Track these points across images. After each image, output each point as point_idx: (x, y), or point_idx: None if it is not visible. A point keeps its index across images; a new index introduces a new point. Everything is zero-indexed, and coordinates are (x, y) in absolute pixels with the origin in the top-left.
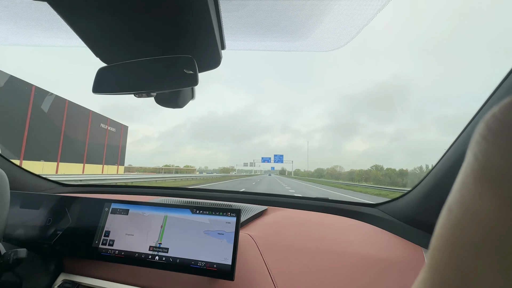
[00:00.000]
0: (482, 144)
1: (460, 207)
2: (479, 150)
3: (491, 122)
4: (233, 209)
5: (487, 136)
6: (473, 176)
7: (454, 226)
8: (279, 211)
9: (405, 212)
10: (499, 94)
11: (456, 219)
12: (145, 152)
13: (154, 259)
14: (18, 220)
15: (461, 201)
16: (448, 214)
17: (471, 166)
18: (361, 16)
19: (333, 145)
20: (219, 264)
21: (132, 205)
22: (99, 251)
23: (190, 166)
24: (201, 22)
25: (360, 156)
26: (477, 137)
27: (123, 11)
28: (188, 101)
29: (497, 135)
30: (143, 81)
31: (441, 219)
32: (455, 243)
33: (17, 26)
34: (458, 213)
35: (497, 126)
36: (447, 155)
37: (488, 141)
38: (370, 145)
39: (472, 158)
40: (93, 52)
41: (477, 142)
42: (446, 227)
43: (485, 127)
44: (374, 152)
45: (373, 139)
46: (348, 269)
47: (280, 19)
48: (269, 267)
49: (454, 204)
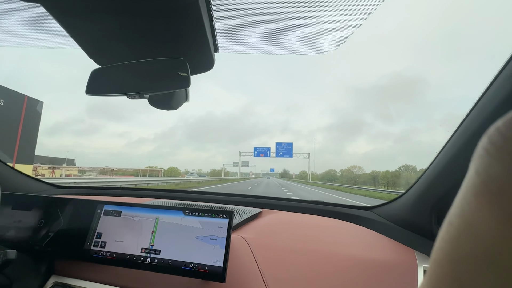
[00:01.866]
0: (484, 158)
1: (461, 220)
2: (481, 164)
3: (494, 136)
4: (226, 211)
5: (489, 150)
6: (474, 190)
7: (454, 239)
8: (274, 213)
9: (398, 214)
10: (489, 95)
11: (456, 232)
12: (141, 155)
13: (146, 261)
14: (9, 222)
15: (461, 214)
16: (448, 227)
17: (473, 180)
18: (352, 19)
19: (336, 147)
20: (211, 266)
21: (124, 207)
22: (91, 253)
23: (176, 168)
24: (194, 25)
25: (362, 157)
26: (479, 150)
27: (117, 14)
28: (182, 103)
29: (500, 149)
30: (136, 83)
31: (442, 232)
32: (455, 256)
33: (10, 27)
34: (458, 226)
35: (500, 140)
36: (438, 158)
37: (490, 155)
38: (374, 146)
39: (474, 172)
40: (87, 54)
41: (479, 156)
42: (446, 240)
43: (487, 141)
44: (377, 154)
45: (378, 139)
46: (341, 272)
47: (272, 23)
48: (262, 269)
49: (455, 218)
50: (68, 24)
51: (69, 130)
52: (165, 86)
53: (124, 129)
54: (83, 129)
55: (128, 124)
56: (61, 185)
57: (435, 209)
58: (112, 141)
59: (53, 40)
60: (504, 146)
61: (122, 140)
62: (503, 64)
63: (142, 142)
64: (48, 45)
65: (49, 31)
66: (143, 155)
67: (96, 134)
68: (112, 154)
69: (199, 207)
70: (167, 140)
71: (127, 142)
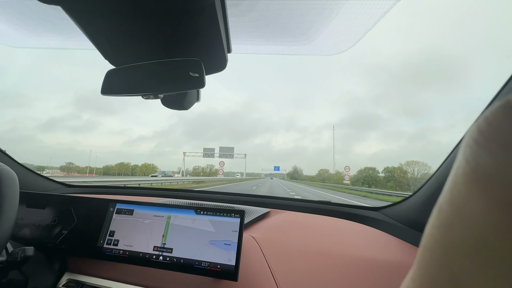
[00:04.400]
0: (473, 147)
1: (451, 207)
2: (470, 153)
3: (482, 126)
4: (237, 210)
5: (478, 139)
6: (463, 178)
7: (444, 226)
8: (282, 213)
9: (407, 215)
10: (503, 95)
11: (447, 219)
12: (141, 153)
13: (158, 259)
14: (24, 219)
15: (451, 201)
16: (438, 213)
17: (462, 168)
18: (366, 19)
19: (343, 146)
20: (223, 265)
21: (137, 206)
22: (104, 250)
23: (151, 165)
24: (209, 26)
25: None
26: (468, 140)
27: (133, 15)
28: (193, 103)
29: (488, 138)
30: (150, 83)
31: (432, 218)
32: (445, 242)
33: (28, 28)
34: (448, 213)
35: (488, 129)
36: (449, 158)
37: (479, 144)
38: (384, 147)
39: (463, 160)
40: (103, 55)
41: (468, 145)
42: (436, 226)
43: (476, 130)
44: (386, 155)
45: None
46: (351, 272)
47: (285, 24)
48: (272, 269)
49: (445, 204)
50: (86, 25)
51: (64, 126)
52: (180, 86)
53: (124, 126)
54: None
55: (124, 121)
56: (71, 184)
57: None
58: (111, 139)
59: (69, 41)
60: (492, 135)
61: (122, 138)
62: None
63: (141, 140)
64: (65, 46)
65: (67, 32)
66: (143, 154)
67: (92, 131)
68: (111, 152)
69: (211, 206)
70: (166, 138)
71: (127, 140)
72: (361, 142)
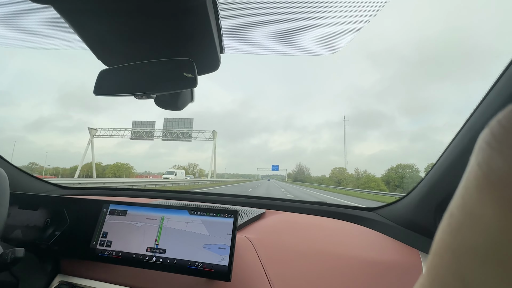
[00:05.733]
0: (486, 150)
1: (462, 212)
2: (483, 156)
3: (495, 129)
4: (231, 210)
5: (491, 142)
6: (475, 182)
7: (455, 231)
8: (277, 214)
9: (402, 215)
10: (493, 95)
11: (458, 224)
12: (136, 155)
13: (152, 260)
14: (16, 221)
15: (463, 206)
16: (449, 219)
17: (474, 172)
18: (357, 20)
19: (342, 146)
20: (216, 265)
21: (130, 206)
22: (97, 252)
23: (126, 164)
24: (201, 26)
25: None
26: (481, 143)
27: (125, 15)
28: (187, 104)
29: (501, 141)
30: (143, 83)
31: (443, 224)
32: (456, 247)
33: (20, 28)
34: (459, 218)
35: (502, 132)
36: (442, 158)
37: (492, 147)
38: (384, 147)
39: (475, 164)
40: (95, 55)
41: (480, 148)
42: (447, 231)
43: (489, 133)
44: (386, 155)
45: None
46: (345, 272)
47: (278, 25)
48: (266, 269)
49: (456, 209)
50: (78, 25)
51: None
52: (172, 86)
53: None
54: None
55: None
56: (66, 185)
57: (440, 209)
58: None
59: (61, 42)
60: (505, 138)
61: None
62: (507, 64)
63: (135, 142)
64: (57, 46)
65: (58, 32)
66: (138, 156)
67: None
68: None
69: (204, 207)
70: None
71: (120, 141)
72: (361, 142)
